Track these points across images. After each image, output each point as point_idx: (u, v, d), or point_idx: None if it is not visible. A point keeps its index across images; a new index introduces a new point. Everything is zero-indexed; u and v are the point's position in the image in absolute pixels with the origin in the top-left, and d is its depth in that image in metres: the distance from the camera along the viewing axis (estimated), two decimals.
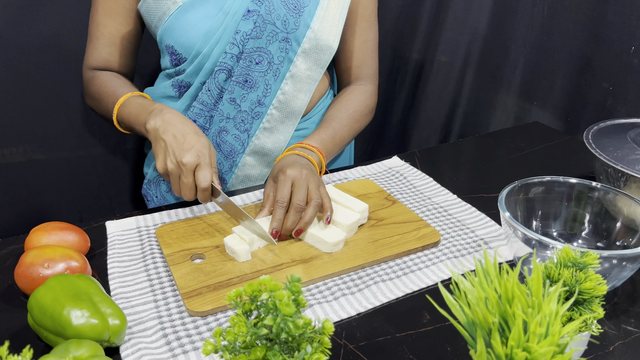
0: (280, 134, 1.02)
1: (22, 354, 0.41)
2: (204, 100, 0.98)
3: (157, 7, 0.94)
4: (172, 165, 0.81)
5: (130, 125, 0.92)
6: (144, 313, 0.68)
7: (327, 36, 0.98)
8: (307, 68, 0.99)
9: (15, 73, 1.07)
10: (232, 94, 0.97)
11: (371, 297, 0.71)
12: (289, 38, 0.95)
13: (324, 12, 0.97)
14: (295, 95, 1.00)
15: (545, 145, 1.18)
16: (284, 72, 0.98)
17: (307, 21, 0.96)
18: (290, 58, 0.97)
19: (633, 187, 0.83)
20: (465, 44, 1.47)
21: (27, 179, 1.16)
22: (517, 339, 0.37)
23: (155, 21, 0.95)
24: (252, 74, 0.96)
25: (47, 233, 0.74)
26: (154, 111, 0.87)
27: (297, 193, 0.81)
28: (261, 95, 0.98)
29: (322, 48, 0.98)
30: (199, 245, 0.80)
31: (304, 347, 0.43)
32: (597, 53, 1.24)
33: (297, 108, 1.02)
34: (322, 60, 1.00)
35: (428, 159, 1.11)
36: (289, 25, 0.95)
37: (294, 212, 0.80)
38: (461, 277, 0.41)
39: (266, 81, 0.97)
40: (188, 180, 0.81)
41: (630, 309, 0.71)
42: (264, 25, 0.94)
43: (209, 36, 0.93)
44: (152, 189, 1.06)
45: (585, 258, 0.55)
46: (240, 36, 0.93)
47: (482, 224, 0.88)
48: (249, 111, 0.99)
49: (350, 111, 1.03)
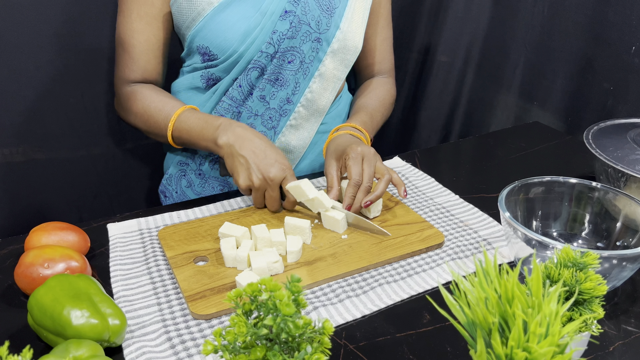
0: (305, 131, 1.05)
1: (22, 354, 0.41)
2: (234, 96, 0.99)
3: (190, 7, 0.93)
4: (258, 181, 0.84)
5: (191, 141, 0.93)
6: (148, 316, 0.68)
7: (354, 36, 1.01)
8: (334, 67, 1.02)
9: (15, 73, 1.07)
10: (263, 91, 0.99)
11: (376, 299, 0.71)
12: (321, 38, 0.98)
13: (352, 14, 1.00)
14: (321, 93, 1.03)
15: (545, 145, 1.18)
16: (313, 71, 1.01)
17: (337, 22, 0.99)
18: (319, 58, 1.00)
19: (633, 187, 0.83)
20: (465, 44, 1.47)
21: (27, 179, 1.16)
22: (517, 339, 0.37)
23: (187, 22, 0.95)
24: (284, 72, 0.98)
25: (47, 233, 0.74)
26: (221, 126, 0.88)
27: (368, 170, 0.86)
28: (290, 93, 1.00)
29: (349, 48, 1.02)
30: (202, 247, 0.80)
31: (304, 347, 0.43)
32: (598, 53, 1.24)
33: (322, 106, 1.05)
34: (348, 60, 1.03)
35: (428, 159, 1.11)
36: (321, 25, 0.97)
37: (364, 191, 0.85)
38: (461, 278, 0.41)
39: (296, 80, 1.00)
40: (275, 193, 0.86)
41: (630, 309, 0.71)
42: (299, 26, 0.95)
43: (246, 36, 0.94)
44: (172, 184, 1.08)
45: (585, 258, 0.55)
46: (277, 36, 0.95)
47: (485, 225, 0.88)
48: (277, 108, 1.01)
49: (380, 99, 1.09)
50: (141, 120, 0.97)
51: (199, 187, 1.07)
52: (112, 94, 1.18)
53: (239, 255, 0.74)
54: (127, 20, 0.95)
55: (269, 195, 0.86)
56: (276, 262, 0.74)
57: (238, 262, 0.75)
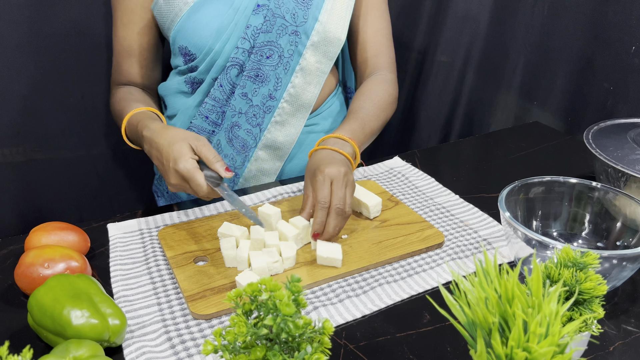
0: (292, 127, 1.04)
1: (22, 354, 0.41)
2: (216, 96, 0.99)
3: (169, 9, 0.95)
4: (176, 180, 0.78)
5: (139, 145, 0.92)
6: (148, 316, 0.68)
7: (335, 28, 0.99)
8: (317, 61, 1.00)
9: (16, 73, 1.07)
10: (244, 88, 0.99)
11: (376, 299, 0.71)
12: (298, 31, 0.97)
13: (332, 5, 0.98)
14: (305, 88, 1.01)
15: (545, 145, 1.18)
16: (293, 65, 0.99)
17: (315, 14, 0.97)
18: (299, 51, 0.98)
19: (633, 187, 0.83)
20: (465, 44, 1.47)
21: (27, 179, 1.16)
22: (517, 339, 0.37)
23: (167, 23, 0.96)
24: (263, 68, 0.98)
25: (47, 233, 0.74)
26: (144, 138, 0.85)
27: (337, 193, 0.78)
28: (272, 89, 1.00)
29: (331, 40, 0.99)
30: (202, 247, 0.80)
31: (304, 347, 0.43)
32: (598, 53, 1.24)
33: (307, 101, 1.03)
34: (331, 53, 1.01)
35: (428, 159, 1.11)
36: (298, 18, 0.96)
37: (335, 215, 0.78)
38: (461, 278, 0.41)
39: (277, 75, 0.99)
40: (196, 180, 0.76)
41: (630, 309, 0.71)
42: (273, 19, 0.95)
43: (220, 33, 0.95)
44: (162, 185, 1.09)
45: (585, 258, 0.55)
46: (251, 30, 0.95)
47: (485, 224, 0.87)
48: (261, 105, 1.00)
49: (375, 101, 1.01)
50: (117, 120, 0.99)
51: None
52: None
53: (239, 255, 0.74)
54: (114, 28, 1.00)
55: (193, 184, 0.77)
56: (276, 262, 0.74)
57: (238, 262, 0.75)
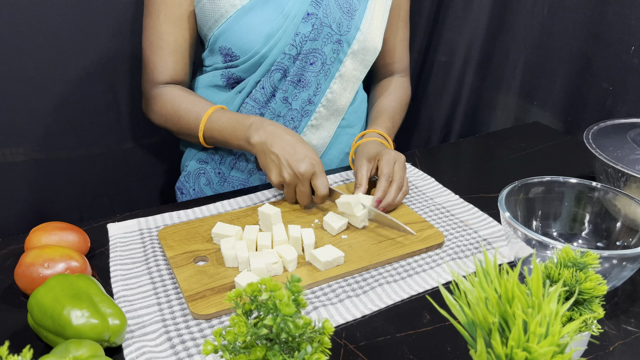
0: (325, 131, 1.07)
1: (22, 354, 0.41)
2: (257, 98, 1.00)
3: (213, 9, 0.94)
4: (289, 177, 0.86)
5: (223, 141, 0.94)
6: (148, 316, 0.68)
7: (373, 37, 1.04)
8: (354, 68, 1.04)
9: (16, 73, 1.07)
10: (286, 92, 1.01)
11: (376, 299, 0.71)
12: (342, 40, 1.00)
13: (371, 15, 1.02)
14: (341, 93, 1.05)
15: (545, 145, 1.18)
16: (333, 72, 1.03)
17: (357, 24, 1.01)
18: (340, 59, 1.02)
19: (633, 187, 0.83)
20: (465, 44, 1.47)
21: (27, 179, 1.16)
22: (517, 339, 0.37)
23: (210, 23, 0.96)
24: (306, 74, 1.00)
25: (47, 233, 0.74)
26: (253, 125, 0.90)
27: (399, 173, 0.89)
28: (312, 94, 1.02)
29: (369, 49, 1.04)
30: (202, 247, 0.80)
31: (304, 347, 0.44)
32: (597, 53, 1.24)
33: (342, 106, 1.07)
34: (367, 61, 1.06)
35: (428, 159, 1.11)
36: (342, 27, 0.99)
37: (397, 189, 0.88)
38: (461, 278, 0.41)
39: (318, 81, 1.02)
40: (306, 188, 0.87)
41: (630, 309, 0.71)
42: (321, 28, 0.97)
43: (269, 38, 0.95)
44: (190, 181, 1.10)
45: (585, 258, 0.55)
46: (300, 38, 0.97)
47: (485, 225, 0.88)
48: (299, 109, 1.03)
49: (399, 100, 1.14)
50: (171, 122, 0.98)
51: (218, 186, 1.08)
52: (111, 93, 1.18)
53: (240, 255, 0.74)
54: (155, 23, 0.96)
55: (299, 190, 0.87)
56: (275, 264, 0.74)
57: (238, 262, 0.75)
